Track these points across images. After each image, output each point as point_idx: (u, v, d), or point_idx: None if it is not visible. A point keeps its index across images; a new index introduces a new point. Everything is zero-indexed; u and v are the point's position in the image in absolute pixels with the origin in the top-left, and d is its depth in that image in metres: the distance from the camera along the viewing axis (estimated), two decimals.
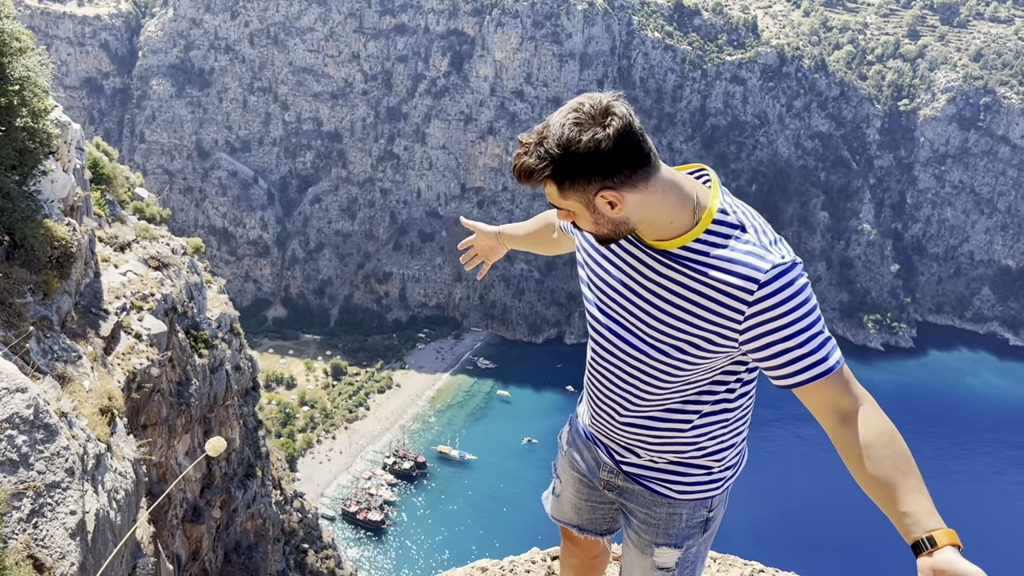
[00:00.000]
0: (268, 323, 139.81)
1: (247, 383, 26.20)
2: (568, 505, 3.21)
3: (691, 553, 2.91)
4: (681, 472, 2.80)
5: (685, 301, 2.40)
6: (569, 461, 3.14)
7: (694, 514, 2.86)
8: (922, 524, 2.16)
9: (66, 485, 4.44)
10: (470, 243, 3.65)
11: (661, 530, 2.86)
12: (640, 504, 2.88)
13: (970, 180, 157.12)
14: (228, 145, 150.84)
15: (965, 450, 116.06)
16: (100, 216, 17.32)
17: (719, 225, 2.37)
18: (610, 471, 2.93)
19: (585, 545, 3.31)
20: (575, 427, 3.14)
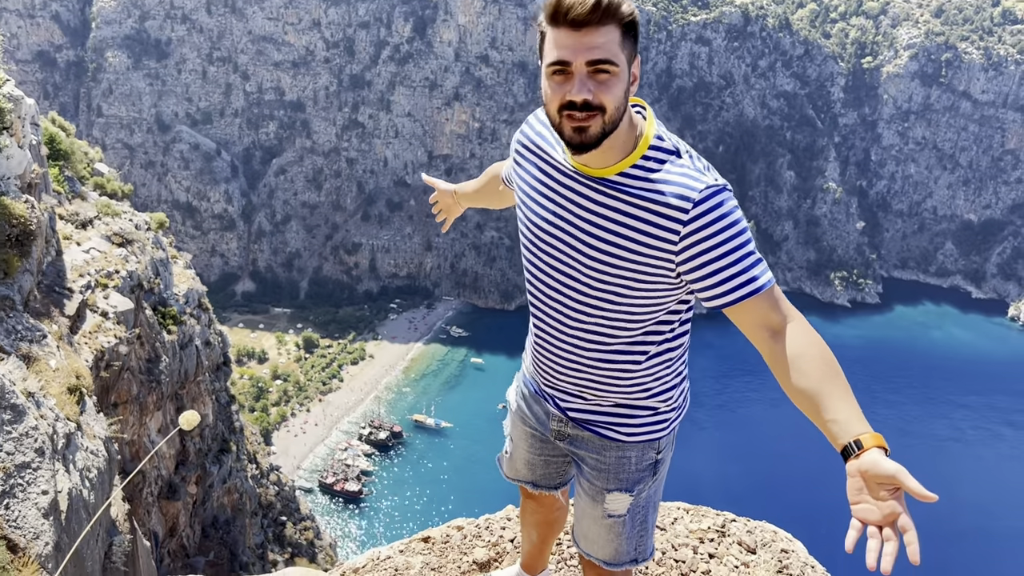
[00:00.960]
0: (237, 297, 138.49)
1: (218, 358, 26.00)
2: (522, 462, 3.22)
3: (642, 499, 2.94)
4: (628, 415, 2.81)
5: (623, 227, 2.43)
6: (520, 417, 3.14)
7: (643, 456, 2.87)
8: (849, 430, 2.21)
9: (36, 465, 4.39)
10: (435, 199, 3.76)
11: (612, 475, 2.87)
12: (590, 451, 2.89)
13: (932, 136, 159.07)
14: (189, 117, 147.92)
15: (929, 402, 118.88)
16: (59, 193, 16.96)
17: (655, 151, 2.43)
18: (559, 420, 2.93)
19: (544, 501, 3.34)
20: (522, 382, 3.15)
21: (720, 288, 2.39)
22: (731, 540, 4.10)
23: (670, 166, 2.41)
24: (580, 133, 2.30)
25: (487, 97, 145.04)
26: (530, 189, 2.68)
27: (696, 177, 2.38)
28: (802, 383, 2.31)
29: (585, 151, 2.35)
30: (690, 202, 2.34)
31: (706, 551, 3.99)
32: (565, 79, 2.29)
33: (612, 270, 2.49)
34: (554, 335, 2.72)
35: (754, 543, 4.09)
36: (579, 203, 2.51)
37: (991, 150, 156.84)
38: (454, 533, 4.08)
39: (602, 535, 2.97)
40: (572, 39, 2.24)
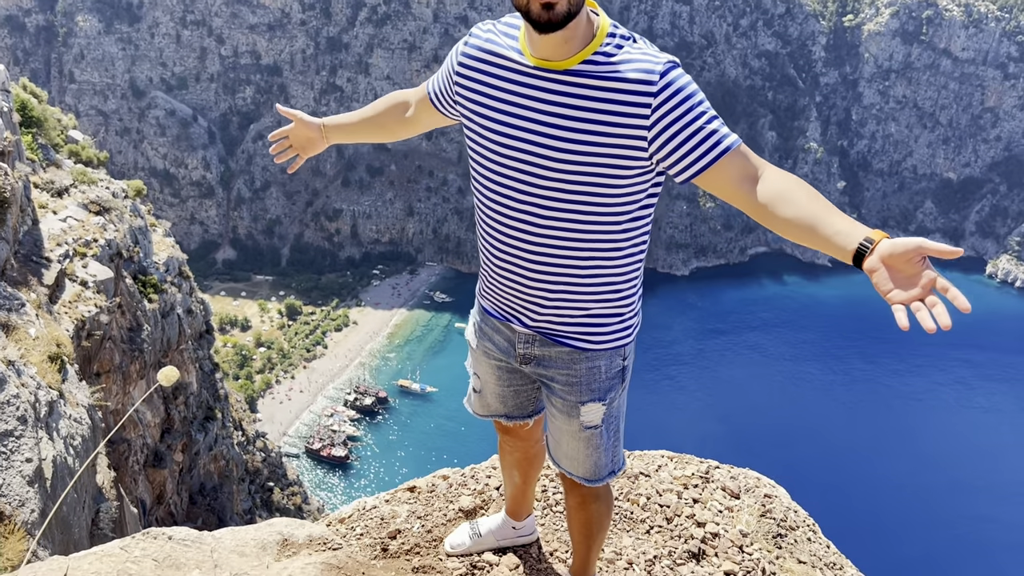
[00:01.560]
0: (218, 265, 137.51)
1: (200, 326, 25.88)
2: (492, 396, 3.23)
3: (614, 408, 2.98)
4: (599, 323, 2.83)
5: (593, 113, 2.45)
6: (483, 351, 3.14)
7: (611, 364, 2.90)
8: (855, 234, 2.17)
9: (19, 433, 4.36)
10: (284, 133, 3.30)
11: (584, 387, 2.89)
12: (560, 367, 2.91)
13: (913, 94, 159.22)
14: (164, 83, 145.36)
15: (908, 358, 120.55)
16: (33, 161, 16.69)
17: (613, 37, 2.49)
18: (527, 341, 2.92)
19: (520, 434, 3.37)
20: (480, 314, 3.13)
21: (695, 153, 2.42)
22: (715, 486, 4.17)
23: (629, 49, 2.47)
24: (548, 10, 2.31)
25: None
26: (484, 97, 2.65)
27: (655, 55, 2.46)
28: (794, 211, 2.31)
29: (552, 30, 2.36)
30: (656, 74, 2.40)
31: (690, 496, 4.06)
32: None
33: (586, 160, 2.49)
34: (525, 247, 2.69)
35: (738, 488, 4.16)
36: (544, 99, 2.51)
37: (971, 108, 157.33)
38: (440, 482, 4.12)
39: (581, 450, 3.00)
40: None
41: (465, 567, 3.52)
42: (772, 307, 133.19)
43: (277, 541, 3.34)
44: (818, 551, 4.03)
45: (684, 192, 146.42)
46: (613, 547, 3.71)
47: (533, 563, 3.60)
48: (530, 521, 3.73)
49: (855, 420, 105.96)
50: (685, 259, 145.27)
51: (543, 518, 3.90)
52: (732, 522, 3.90)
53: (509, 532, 3.68)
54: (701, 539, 3.77)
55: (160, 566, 2.96)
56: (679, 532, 3.82)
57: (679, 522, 3.87)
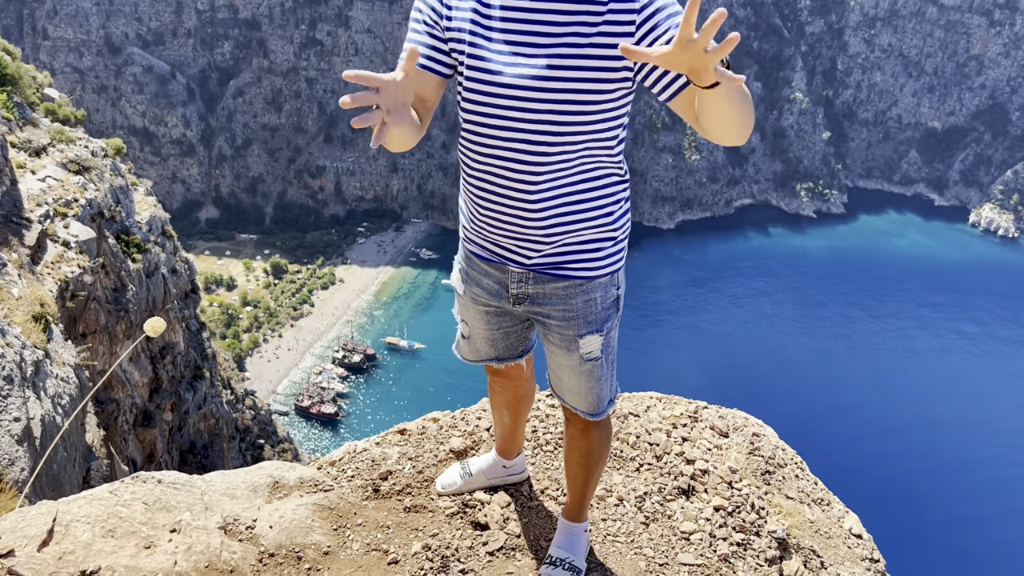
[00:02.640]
0: (201, 224, 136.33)
1: (185, 286, 25.74)
2: (481, 341, 3.24)
3: (611, 337, 3.02)
4: (596, 248, 2.86)
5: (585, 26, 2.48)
6: (471, 298, 3.14)
7: (606, 294, 2.94)
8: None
9: (6, 393, 4.35)
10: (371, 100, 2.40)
11: (581, 320, 2.92)
12: (555, 303, 2.93)
13: (899, 43, 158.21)
14: (140, 39, 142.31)
15: (893, 307, 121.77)
16: (9, 120, 16.38)
17: None
18: (519, 280, 2.93)
19: (510, 374, 3.39)
20: (466, 260, 3.12)
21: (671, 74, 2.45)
22: (703, 425, 4.23)
23: None
24: None
25: None
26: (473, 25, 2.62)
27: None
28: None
29: None
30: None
31: (679, 435, 4.11)
32: None
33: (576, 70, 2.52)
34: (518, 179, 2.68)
35: (726, 427, 4.23)
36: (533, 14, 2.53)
37: (956, 56, 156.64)
38: (430, 425, 4.17)
39: (583, 383, 3.04)
40: None
41: (456, 506, 3.58)
42: (757, 258, 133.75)
43: (268, 483, 3.38)
44: (806, 487, 4.12)
45: (669, 144, 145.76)
46: (604, 484, 3.77)
47: (524, 500, 3.65)
48: (520, 460, 3.77)
49: (840, 367, 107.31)
50: (671, 212, 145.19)
51: (533, 457, 3.95)
52: (721, 459, 3.97)
53: (499, 471, 3.73)
54: (691, 476, 3.83)
55: (150, 509, 2.99)
56: (669, 469, 3.88)
57: (669, 460, 3.93)
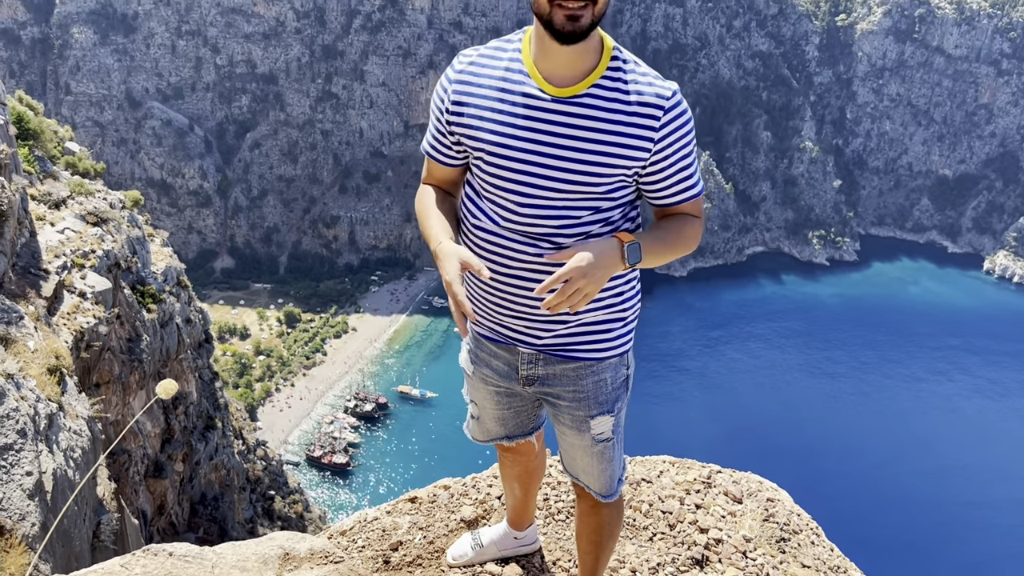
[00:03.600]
0: (216, 274, 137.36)
1: (199, 336, 25.87)
2: (491, 421, 3.23)
3: (621, 416, 3.02)
4: (605, 329, 2.86)
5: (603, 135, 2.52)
6: (480, 379, 3.12)
7: (616, 374, 2.94)
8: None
9: (19, 447, 4.36)
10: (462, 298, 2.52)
11: (592, 401, 2.91)
12: (565, 385, 2.92)
13: (907, 92, 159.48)
14: (160, 93, 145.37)
15: (907, 355, 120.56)
16: (30, 173, 16.68)
17: (617, 60, 2.57)
18: (530, 362, 2.92)
19: (521, 450, 3.37)
20: (475, 342, 3.10)
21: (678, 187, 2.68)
22: (717, 491, 4.17)
23: (635, 73, 2.57)
24: (573, 21, 2.38)
25: None
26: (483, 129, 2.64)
27: (662, 81, 2.58)
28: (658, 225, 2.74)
29: (575, 40, 2.42)
30: (665, 100, 2.53)
31: (693, 502, 4.05)
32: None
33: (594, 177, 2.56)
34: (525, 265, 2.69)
35: (740, 493, 4.15)
36: (553, 126, 2.55)
37: (965, 105, 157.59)
38: (441, 492, 4.12)
39: (595, 464, 3.03)
40: None
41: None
42: (770, 306, 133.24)
43: (278, 555, 3.34)
44: (822, 555, 4.03)
45: None
46: (617, 555, 3.70)
47: (536, 573, 3.59)
48: (532, 530, 3.72)
49: (854, 419, 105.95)
50: (683, 259, 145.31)
51: (545, 527, 3.89)
52: (735, 527, 3.90)
53: (511, 542, 3.68)
54: (704, 545, 3.76)
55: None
56: (682, 539, 3.82)
57: (682, 528, 3.87)
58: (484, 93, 2.64)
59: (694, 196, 2.72)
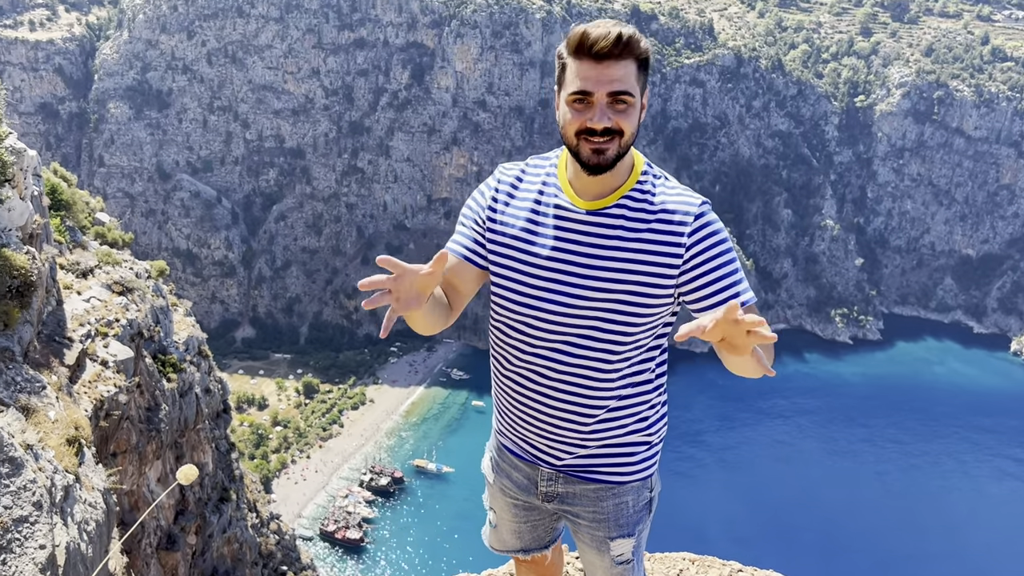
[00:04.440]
0: (237, 344, 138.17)
1: (218, 406, 25.86)
2: (508, 532, 3.20)
3: (642, 538, 2.98)
4: (628, 452, 2.82)
5: (630, 251, 2.56)
6: (500, 489, 3.11)
7: (639, 498, 2.89)
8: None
9: (34, 519, 4.34)
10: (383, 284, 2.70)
11: (612, 523, 2.87)
12: (585, 505, 2.87)
13: (928, 172, 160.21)
14: (189, 166, 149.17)
15: (934, 438, 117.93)
16: (60, 243, 17.02)
17: (647, 176, 2.63)
18: (550, 480, 2.89)
19: (536, 560, 3.30)
20: (498, 451, 3.09)
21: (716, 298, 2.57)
22: None
23: (663, 188, 2.62)
24: (599, 155, 2.45)
25: (485, 141, 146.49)
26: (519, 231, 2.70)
27: (690, 195, 2.61)
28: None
29: (601, 172, 2.50)
30: (691, 216, 2.56)
31: None
32: (585, 107, 2.43)
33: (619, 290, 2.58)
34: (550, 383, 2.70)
35: None
36: (580, 237, 2.60)
37: (986, 185, 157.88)
38: None
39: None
40: (595, 71, 2.41)
41: None
42: (793, 384, 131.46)
43: None
44: None
45: None
46: None
47: None
48: None
49: (878, 500, 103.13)
50: None
51: None
52: None
53: None
54: None
55: None
56: None
57: None
58: (519, 204, 2.73)
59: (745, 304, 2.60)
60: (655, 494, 2.95)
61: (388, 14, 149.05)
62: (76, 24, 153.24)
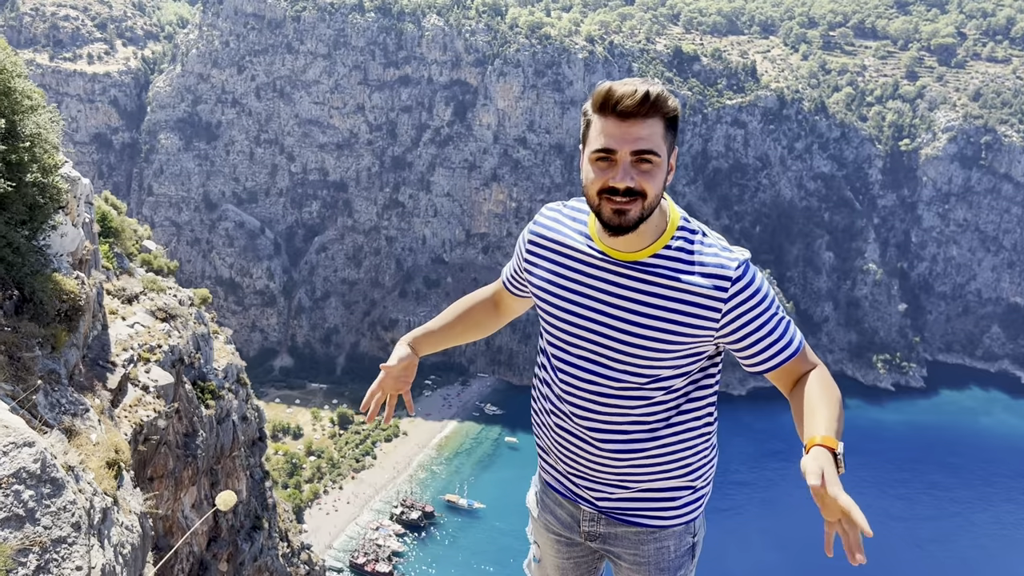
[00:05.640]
0: (275, 372, 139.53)
1: (254, 434, 26.08)
2: (552, 568, 3.18)
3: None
4: (670, 497, 2.81)
5: (662, 308, 2.53)
6: (543, 524, 3.10)
7: (680, 543, 2.87)
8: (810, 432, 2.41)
9: (72, 540, 4.40)
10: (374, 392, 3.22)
11: (653, 566, 2.85)
12: (626, 547, 2.86)
13: (975, 218, 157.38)
14: (235, 196, 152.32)
15: (981, 490, 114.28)
16: (108, 269, 17.42)
17: (683, 231, 2.58)
18: (591, 520, 2.89)
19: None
20: (541, 487, 3.09)
21: (762, 355, 2.58)
22: None
23: (700, 245, 2.56)
24: (620, 215, 2.40)
25: (524, 178, 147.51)
26: (549, 284, 2.73)
27: (727, 255, 2.54)
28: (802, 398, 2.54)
29: (622, 233, 2.44)
30: (728, 280, 2.50)
31: None
32: (609, 165, 2.38)
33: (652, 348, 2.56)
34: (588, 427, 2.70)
35: None
36: (612, 288, 2.58)
37: None
38: None
39: None
40: (619, 129, 2.35)
41: None
42: None
43: None
44: None
45: None
46: None
47: None
48: None
49: (920, 556, 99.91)
50: (742, 378, 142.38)
51: None
52: None
53: None
54: None
55: None
56: None
57: None
58: (551, 247, 2.74)
59: (791, 356, 2.60)
60: (698, 539, 2.93)
61: (433, 52, 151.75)
62: (132, 58, 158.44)
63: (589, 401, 2.68)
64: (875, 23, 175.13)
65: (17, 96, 7.63)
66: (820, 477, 2.29)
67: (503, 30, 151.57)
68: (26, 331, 7.28)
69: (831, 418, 2.46)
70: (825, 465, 2.30)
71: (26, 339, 7.17)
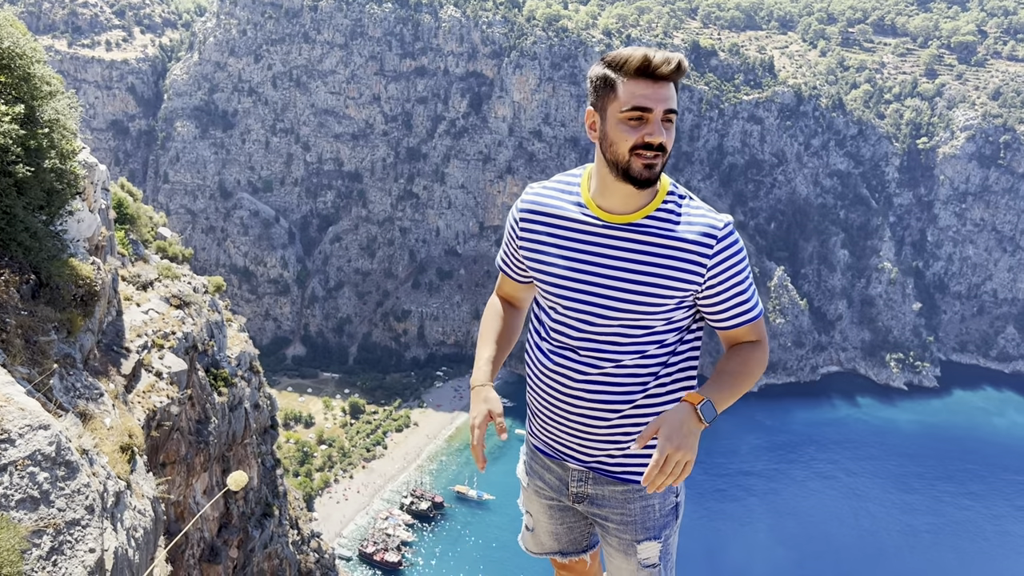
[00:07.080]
0: (287, 361, 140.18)
1: (265, 421, 26.23)
2: (545, 534, 3.26)
3: (669, 544, 3.05)
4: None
5: (657, 265, 2.75)
6: (534, 490, 3.23)
7: (665, 501, 3.00)
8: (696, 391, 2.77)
9: (86, 523, 4.45)
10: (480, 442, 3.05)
11: (639, 525, 2.97)
12: (613, 507, 2.97)
13: (992, 218, 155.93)
14: (250, 185, 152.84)
15: (993, 491, 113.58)
16: (124, 255, 17.54)
17: (673, 195, 2.82)
18: (580, 479, 3.01)
19: (575, 568, 3.36)
20: (531, 454, 3.24)
21: (730, 312, 2.86)
22: None
23: (688, 207, 2.81)
24: (650, 169, 2.64)
25: (539, 171, 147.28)
26: (547, 254, 2.90)
27: (714, 215, 2.80)
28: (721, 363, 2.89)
29: (648, 186, 2.69)
30: (715, 238, 2.74)
31: None
32: (642, 123, 2.60)
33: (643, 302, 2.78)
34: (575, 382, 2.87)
35: None
36: (609, 250, 2.78)
37: None
38: None
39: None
40: (652, 90, 2.60)
41: None
42: (844, 429, 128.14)
43: None
44: None
45: None
46: None
47: None
48: None
49: (931, 556, 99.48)
50: None
51: None
52: None
53: None
54: None
55: None
56: None
57: None
58: (545, 220, 2.91)
59: (751, 320, 2.87)
60: (681, 499, 3.07)
61: (449, 44, 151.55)
62: (150, 45, 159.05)
63: (588, 358, 2.84)
64: (895, 20, 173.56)
65: (36, 82, 7.69)
66: (645, 443, 2.63)
67: (520, 22, 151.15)
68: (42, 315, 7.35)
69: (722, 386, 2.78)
70: (670, 418, 2.61)
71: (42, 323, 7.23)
